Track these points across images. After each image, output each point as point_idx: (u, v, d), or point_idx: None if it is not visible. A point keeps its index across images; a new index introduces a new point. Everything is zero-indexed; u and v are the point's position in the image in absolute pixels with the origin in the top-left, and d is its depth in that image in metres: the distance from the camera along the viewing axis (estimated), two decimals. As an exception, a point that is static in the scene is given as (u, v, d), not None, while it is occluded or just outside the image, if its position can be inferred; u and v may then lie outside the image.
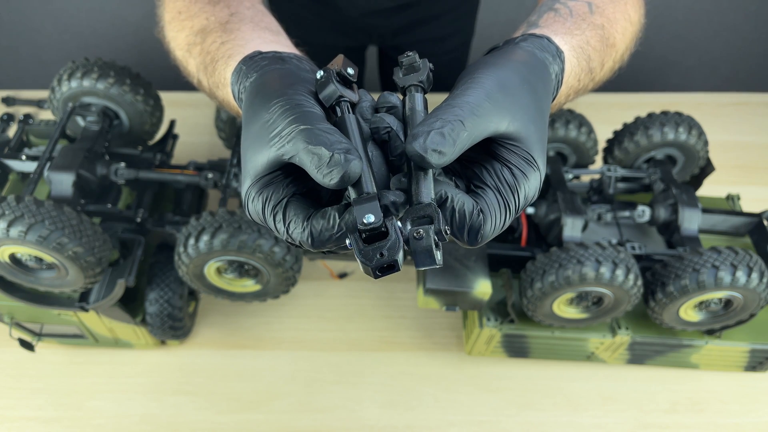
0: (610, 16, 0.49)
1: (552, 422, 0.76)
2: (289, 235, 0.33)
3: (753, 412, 0.77)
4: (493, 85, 0.34)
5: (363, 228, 0.30)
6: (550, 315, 0.71)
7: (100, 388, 0.77)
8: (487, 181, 0.34)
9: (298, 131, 0.32)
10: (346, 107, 0.35)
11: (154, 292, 0.73)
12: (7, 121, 1.08)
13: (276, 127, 0.33)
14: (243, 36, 0.46)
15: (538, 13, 0.48)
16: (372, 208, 0.30)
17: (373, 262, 0.29)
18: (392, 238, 0.29)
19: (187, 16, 0.51)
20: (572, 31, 0.45)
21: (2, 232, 0.58)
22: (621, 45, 0.50)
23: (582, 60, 0.45)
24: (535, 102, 0.36)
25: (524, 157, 0.34)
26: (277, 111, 0.34)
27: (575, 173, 0.82)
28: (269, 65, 0.40)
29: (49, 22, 1.63)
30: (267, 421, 0.75)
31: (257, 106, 0.36)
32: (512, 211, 0.34)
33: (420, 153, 0.30)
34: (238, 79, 0.41)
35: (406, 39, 1.10)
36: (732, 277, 0.64)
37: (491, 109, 0.32)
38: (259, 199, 0.33)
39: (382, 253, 0.29)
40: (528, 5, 1.61)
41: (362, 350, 0.83)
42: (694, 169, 0.84)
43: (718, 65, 1.79)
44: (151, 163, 0.78)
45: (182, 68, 0.54)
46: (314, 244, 0.32)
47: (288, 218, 0.33)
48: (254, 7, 0.51)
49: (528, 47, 0.40)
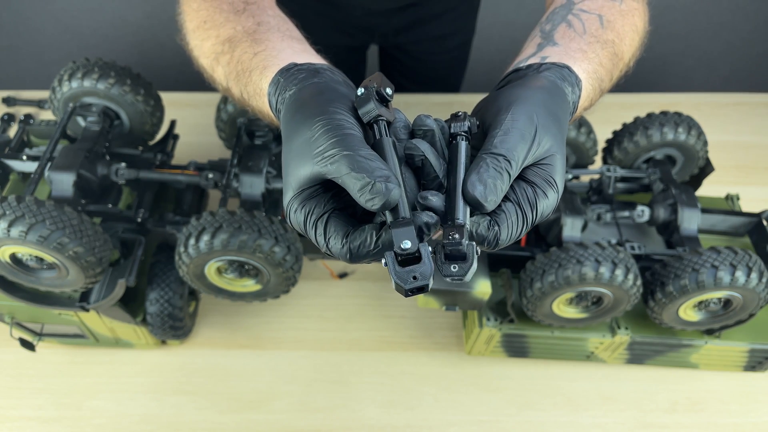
0: (619, 30, 0.51)
1: (552, 422, 0.76)
2: (328, 248, 0.36)
3: (752, 411, 0.78)
4: (526, 125, 0.38)
5: (399, 252, 0.33)
6: (550, 315, 0.71)
7: (100, 388, 0.77)
8: (510, 196, 0.37)
9: (342, 156, 0.35)
10: (384, 126, 0.38)
11: (155, 292, 0.73)
12: (8, 121, 1.08)
13: (319, 145, 0.36)
14: (274, 46, 0.48)
15: (551, 23, 0.51)
16: (408, 234, 0.33)
17: (408, 285, 0.33)
18: (425, 265, 0.33)
19: (212, 25, 0.53)
20: (588, 55, 0.48)
21: (3, 232, 0.58)
22: (628, 56, 0.53)
23: (595, 83, 0.48)
24: (559, 131, 0.40)
25: (546, 179, 0.38)
26: (320, 129, 0.36)
27: (575, 173, 0.82)
28: (306, 78, 0.42)
29: (50, 22, 1.63)
30: (267, 421, 0.75)
31: (299, 121, 0.39)
32: (529, 223, 0.37)
33: (480, 200, 0.35)
34: (276, 90, 0.44)
35: (407, 38, 1.10)
36: (731, 277, 0.64)
37: (527, 149, 0.37)
38: (302, 212, 0.37)
39: (416, 276, 0.33)
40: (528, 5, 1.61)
41: (362, 350, 0.83)
42: (693, 169, 0.84)
43: (718, 65, 1.79)
44: (152, 163, 0.78)
45: (207, 75, 0.55)
46: (352, 258, 0.36)
47: (329, 233, 0.36)
48: (278, 16, 0.54)
49: (551, 77, 0.43)
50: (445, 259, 0.34)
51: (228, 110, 0.82)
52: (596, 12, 0.51)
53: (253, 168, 0.74)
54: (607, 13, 0.51)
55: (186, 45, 0.57)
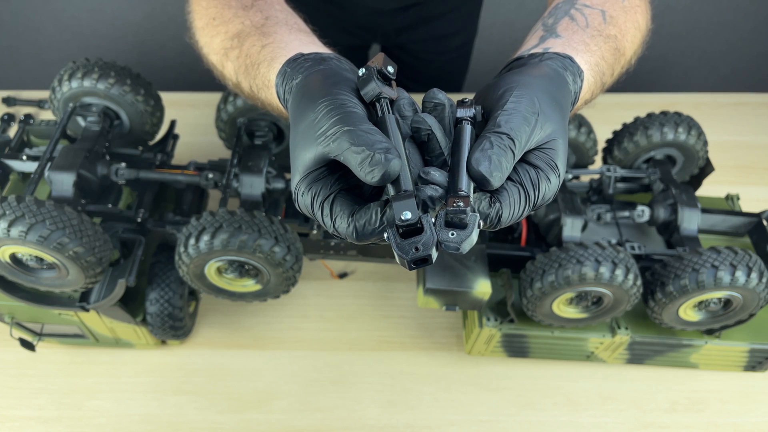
0: (621, 25, 0.51)
1: (552, 422, 0.76)
2: (335, 229, 0.36)
3: (752, 411, 0.78)
4: (528, 108, 0.38)
5: (400, 224, 0.32)
6: (550, 315, 0.71)
7: (100, 388, 0.77)
8: (513, 177, 0.37)
9: (342, 131, 0.35)
10: (386, 104, 0.37)
11: (155, 292, 0.73)
12: (8, 121, 1.08)
13: (322, 126, 0.36)
14: (281, 39, 0.48)
15: (554, 17, 0.51)
16: (409, 206, 0.32)
17: (409, 256, 0.32)
18: (427, 235, 0.32)
19: (221, 21, 0.53)
20: (590, 48, 0.48)
21: (3, 232, 0.58)
22: (630, 52, 0.53)
23: (597, 76, 0.48)
24: (561, 117, 0.40)
25: (549, 163, 0.38)
26: (323, 111, 0.37)
27: (575, 173, 0.82)
28: (313, 66, 0.42)
29: (50, 22, 1.63)
30: (267, 420, 0.75)
31: (304, 106, 0.39)
32: (531, 205, 0.37)
33: (485, 175, 0.34)
34: (283, 81, 0.44)
35: (409, 37, 1.10)
36: (731, 277, 0.64)
37: (530, 131, 0.37)
38: (308, 194, 0.36)
39: (417, 247, 0.32)
40: (528, 5, 1.61)
41: (362, 350, 0.83)
42: (693, 169, 0.84)
43: (718, 65, 1.79)
44: (152, 163, 0.78)
45: (217, 72, 0.56)
46: (358, 237, 0.35)
47: (335, 213, 0.36)
48: (285, 10, 0.54)
49: (553, 65, 0.43)
50: (445, 225, 0.34)
51: (228, 110, 0.82)
52: (599, 7, 0.51)
53: (253, 168, 0.74)
54: (609, 8, 0.51)
55: (195, 44, 0.57)
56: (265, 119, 0.81)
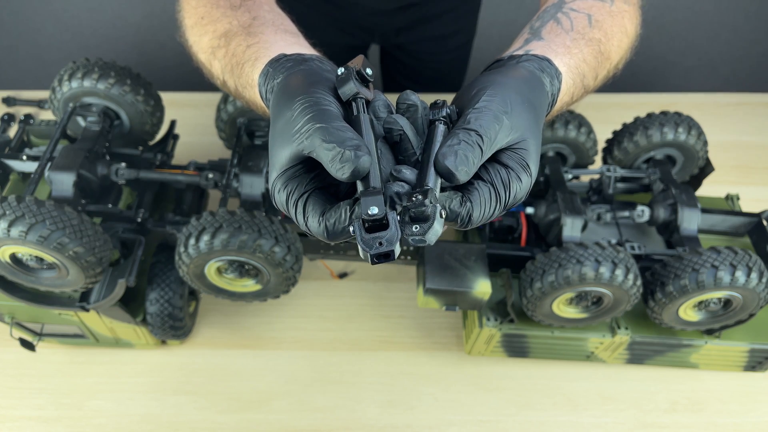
0: (607, 29, 0.52)
1: (552, 422, 0.76)
2: (307, 228, 0.37)
3: (752, 411, 0.78)
4: (500, 107, 0.38)
5: (366, 218, 0.33)
6: (550, 315, 0.71)
7: (100, 388, 0.77)
8: (484, 176, 0.38)
9: (315, 129, 0.35)
10: (361, 104, 0.38)
11: (155, 292, 0.73)
12: (8, 121, 1.08)
13: (297, 123, 0.37)
14: (267, 39, 0.49)
15: (541, 20, 0.51)
16: (377, 201, 0.33)
17: (372, 250, 0.33)
18: (391, 231, 0.33)
19: (209, 20, 0.54)
20: (571, 50, 0.48)
21: (3, 232, 0.58)
22: (615, 57, 0.53)
23: (577, 78, 0.48)
24: (534, 118, 0.40)
25: (520, 163, 0.38)
26: (299, 108, 0.37)
27: (575, 173, 0.82)
28: (294, 66, 0.43)
29: (50, 22, 1.63)
30: (267, 421, 0.75)
31: (282, 104, 0.40)
32: (502, 204, 0.38)
33: (450, 169, 0.35)
34: (265, 81, 0.45)
35: (408, 38, 1.10)
36: (731, 276, 0.64)
37: (500, 130, 0.37)
38: (284, 192, 0.37)
39: (381, 242, 0.33)
40: (528, 6, 1.61)
41: (362, 350, 0.83)
42: (693, 169, 0.84)
43: (718, 65, 1.79)
44: (152, 163, 0.78)
45: (205, 70, 0.56)
46: (329, 236, 0.36)
47: (307, 212, 0.36)
48: (273, 11, 0.54)
49: (530, 67, 0.44)
50: (410, 220, 0.34)
51: (228, 110, 0.82)
52: (585, 11, 0.52)
53: (253, 168, 0.74)
54: (596, 12, 0.52)
55: (185, 42, 0.58)
56: (265, 119, 0.81)
